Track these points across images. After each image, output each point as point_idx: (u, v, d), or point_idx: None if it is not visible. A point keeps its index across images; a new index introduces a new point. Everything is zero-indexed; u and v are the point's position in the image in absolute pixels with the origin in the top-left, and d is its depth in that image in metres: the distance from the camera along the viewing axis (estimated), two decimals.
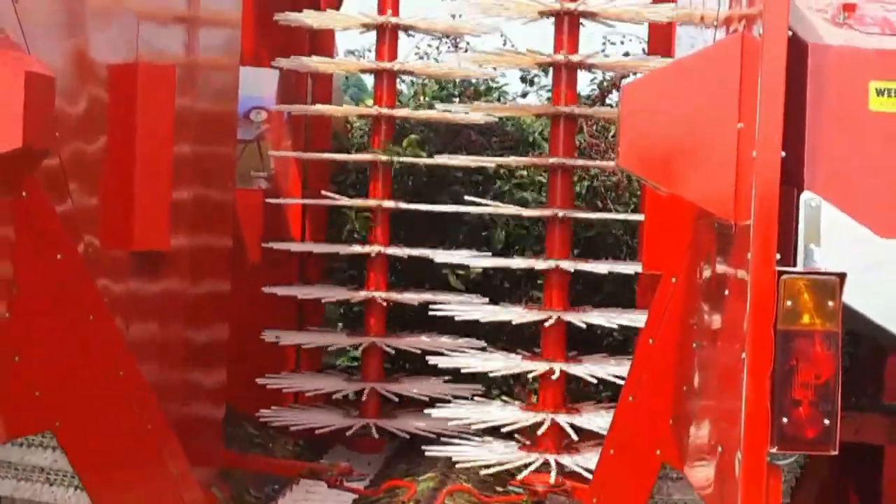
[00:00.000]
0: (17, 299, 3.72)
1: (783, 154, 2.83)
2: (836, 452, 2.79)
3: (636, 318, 6.21)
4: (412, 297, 6.87)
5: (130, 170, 4.67)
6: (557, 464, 6.01)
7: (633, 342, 6.61)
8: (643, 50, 7.83)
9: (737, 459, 2.83)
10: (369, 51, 8.60)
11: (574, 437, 6.07)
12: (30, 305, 3.77)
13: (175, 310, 5.38)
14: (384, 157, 6.86)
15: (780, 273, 2.79)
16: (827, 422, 2.78)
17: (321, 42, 7.52)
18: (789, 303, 2.77)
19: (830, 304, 2.77)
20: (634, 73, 6.49)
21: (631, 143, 3.28)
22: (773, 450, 2.79)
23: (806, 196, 2.87)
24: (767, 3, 2.86)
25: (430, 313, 6.48)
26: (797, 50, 3.02)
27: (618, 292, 6.92)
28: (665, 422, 3.76)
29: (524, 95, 8.39)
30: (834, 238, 2.88)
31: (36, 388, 3.83)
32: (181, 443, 4.62)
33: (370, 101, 8.25)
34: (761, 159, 2.79)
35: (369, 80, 9.27)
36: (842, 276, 2.78)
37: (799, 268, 2.85)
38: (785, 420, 2.78)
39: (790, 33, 2.94)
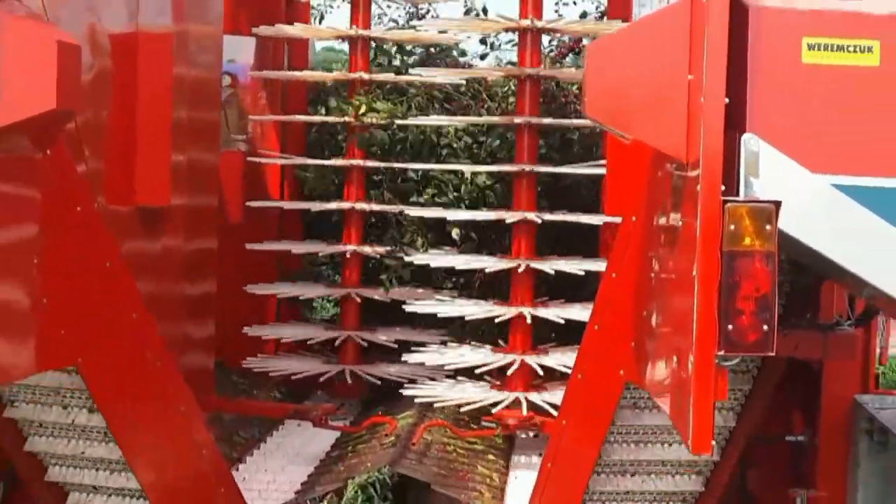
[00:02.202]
0: (44, 247, 4.12)
1: (727, 101, 3.28)
2: (773, 353, 3.26)
3: (600, 265, 6.68)
4: (383, 250, 7.30)
5: (133, 131, 5.08)
6: (527, 401, 6.47)
7: None
8: (596, 8, 8.31)
9: (688, 363, 3.29)
10: (331, 6, 8.97)
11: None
12: (54, 253, 4.17)
13: (171, 265, 5.79)
14: (358, 120, 7.25)
15: (725, 202, 3.26)
16: (766, 328, 3.24)
17: (296, 9, 7.92)
18: (732, 227, 3.24)
19: (768, 227, 3.24)
20: (593, 37, 6.94)
21: (596, 96, 3.73)
22: (721, 353, 3.26)
23: (746, 136, 3.33)
24: None
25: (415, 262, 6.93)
26: (739, 11, 3.47)
27: None
28: (627, 345, 4.22)
29: (483, 57, 8.80)
30: (771, 172, 3.34)
31: (61, 326, 4.24)
32: None
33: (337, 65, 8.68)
34: (708, 105, 3.24)
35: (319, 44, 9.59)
36: (777, 204, 3.24)
37: (741, 197, 3.32)
38: (730, 327, 3.24)
39: None
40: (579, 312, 6.60)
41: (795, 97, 3.47)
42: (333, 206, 7.42)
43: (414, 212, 7.05)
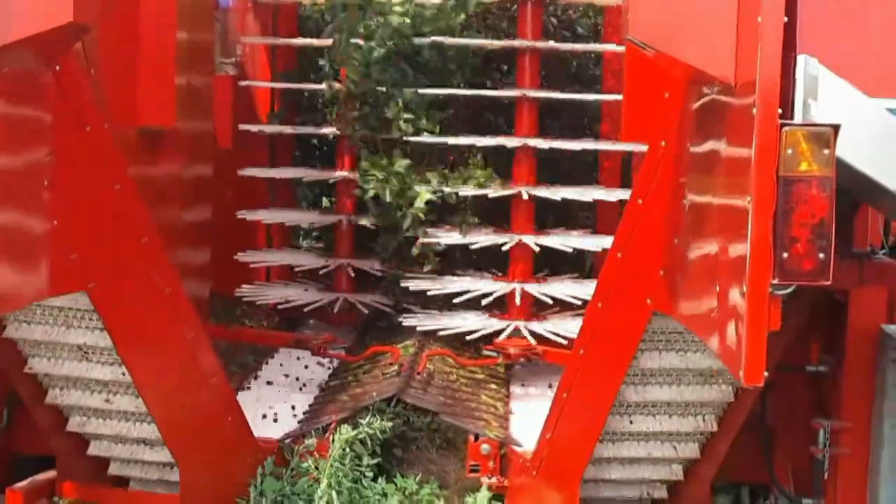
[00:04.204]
0: (54, 167, 3.98)
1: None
2: (829, 283, 3.17)
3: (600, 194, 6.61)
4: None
5: (136, 48, 4.91)
6: (527, 330, 6.39)
7: None
8: None
9: (739, 292, 3.19)
10: None
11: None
12: (64, 174, 4.03)
13: (170, 190, 5.64)
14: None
15: (782, 125, 3.15)
16: (822, 256, 3.15)
17: None
18: (789, 151, 3.13)
19: (826, 152, 3.13)
20: None
21: (640, 17, 3.60)
22: (775, 282, 3.17)
23: (805, 57, 3.21)
24: None
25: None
26: None
27: None
28: (655, 273, 4.12)
29: None
30: (827, 96, 3.23)
31: (73, 251, 4.11)
32: None
33: None
34: (765, 25, 3.11)
35: None
36: (836, 128, 3.14)
37: (797, 121, 3.21)
38: (785, 255, 3.15)
39: None
40: (579, 241, 6.53)
41: (850, 18, 3.35)
42: (326, 131, 7.26)
43: (425, 139, 6.83)
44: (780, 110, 3.13)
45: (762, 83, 3.10)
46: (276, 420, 5.66)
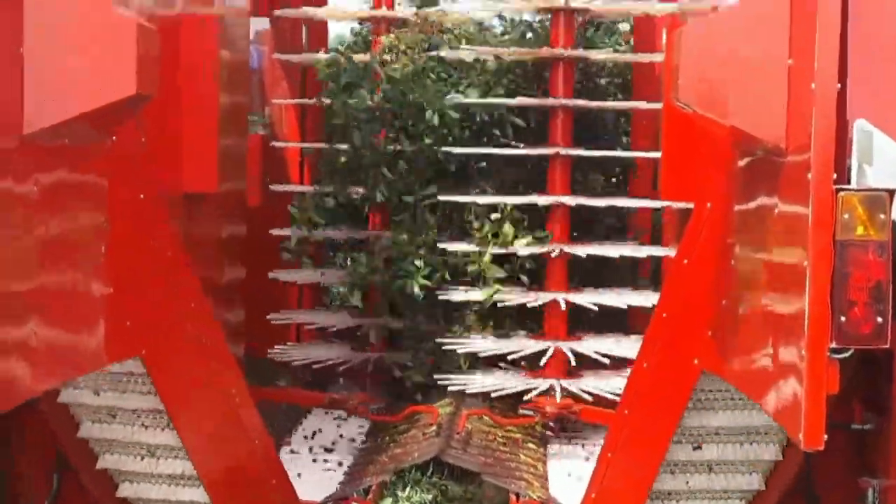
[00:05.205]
0: (109, 235, 4.04)
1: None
2: (887, 346, 3.21)
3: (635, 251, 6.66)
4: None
5: (180, 115, 4.98)
6: (563, 388, 6.41)
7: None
8: None
9: (797, 354, 3.23)
10: None
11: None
12: (119, 241, 4.08)
13: (209, 251, 5.70)
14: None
15: (838, 190, 3.20)
16: (880, 319, 3.20)
17: None
18: (846, 216, 3.18)
19: (882, 216, 3.19)
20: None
21: (690, 82, 3.66)
22: (833, 345, 3.21)
23: (860, 122, 3.27)
24: None
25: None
26: None
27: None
28: (703, 333, 4.16)
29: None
30: (881, 159, 3.28)
31: (127, 318, 4.15)
32: None
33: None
34: (820, 91, 3.17)
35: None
36: (891, 192, 3.19)
37: (853, 186, 3.26)
38: (843, 319, 3.19)
39: None
40: (614, 298, 6.56)
41: None
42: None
43: (444, 197, 6.91)
44: (834, 175, 3.18)
45: (817, 150, 3.15)
46: (317, 481, 5.67)
